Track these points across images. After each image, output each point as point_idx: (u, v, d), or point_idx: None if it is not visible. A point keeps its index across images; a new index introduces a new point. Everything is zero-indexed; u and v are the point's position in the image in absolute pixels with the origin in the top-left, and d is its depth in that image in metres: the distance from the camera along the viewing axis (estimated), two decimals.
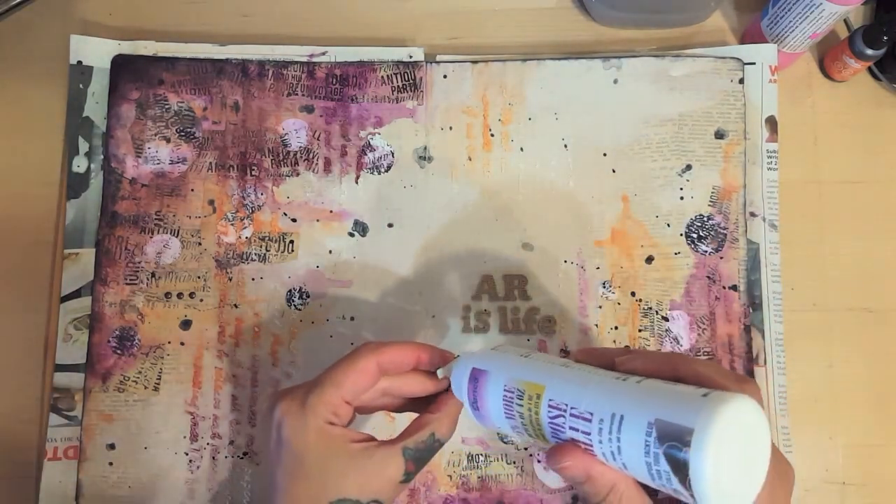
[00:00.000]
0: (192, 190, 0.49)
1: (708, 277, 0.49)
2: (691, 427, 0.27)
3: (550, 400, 0.32)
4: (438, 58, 0.51)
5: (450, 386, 0.38)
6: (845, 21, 0.53)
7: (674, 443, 0.27)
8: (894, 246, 0.52)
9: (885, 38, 0.49)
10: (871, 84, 0.54)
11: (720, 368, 0.32)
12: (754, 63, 0.51)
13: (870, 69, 0.53)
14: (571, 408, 0.31)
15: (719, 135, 0.50)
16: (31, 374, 0.48)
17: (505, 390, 0.35)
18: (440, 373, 0.39)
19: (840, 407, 0.49)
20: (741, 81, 0.50)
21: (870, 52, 0.49)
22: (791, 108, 0.52)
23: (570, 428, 0.31)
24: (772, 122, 0.51)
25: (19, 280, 0.49)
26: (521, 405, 0.34)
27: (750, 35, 0.53)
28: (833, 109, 0.53)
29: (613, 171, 0.50)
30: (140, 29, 0.52)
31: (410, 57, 0.51)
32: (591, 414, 0.30)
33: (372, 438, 0.37)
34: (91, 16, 0.52)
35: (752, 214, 0.50)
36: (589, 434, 0.31)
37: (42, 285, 0.49)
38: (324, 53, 0.51)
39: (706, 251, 0.49)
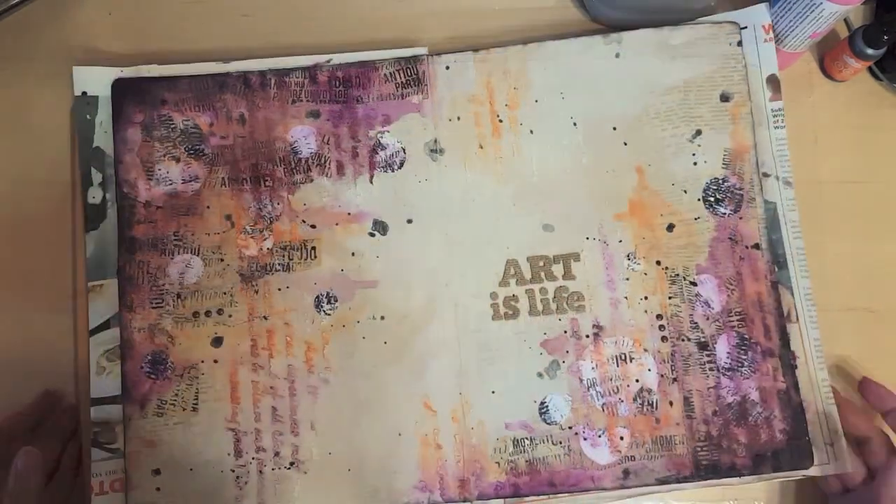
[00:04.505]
0: (208, 207, 0.49)
1: (730, 239, 0.49)
2: None
3: None
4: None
5: None
6: (845, 21, 0.53)
7: None
8: (894, 246, 0.52)
9: (885, 38, 0.49)
10: (871, 84, 0.54)
11: None
12: (746, 27, 0.51)
13: (870, 69, 0.53)
14: None
15: (724, 97, 0.50)
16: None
17: None
18: None
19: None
20: (739, 44, 0.51)
21: (870, 51, 0.50)
22: (791, 108, 0.51)
23: None
24: (773, 81, 0.51)
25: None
26: None
27: None
28: (833, 109, 0.53)
29: (625, 144, 0.50)
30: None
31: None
32: None
33: None
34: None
35: (765, 175, 0.50)
36: None
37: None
38: (328, 61, 0.51)
39: (725, 213, 0.49)
